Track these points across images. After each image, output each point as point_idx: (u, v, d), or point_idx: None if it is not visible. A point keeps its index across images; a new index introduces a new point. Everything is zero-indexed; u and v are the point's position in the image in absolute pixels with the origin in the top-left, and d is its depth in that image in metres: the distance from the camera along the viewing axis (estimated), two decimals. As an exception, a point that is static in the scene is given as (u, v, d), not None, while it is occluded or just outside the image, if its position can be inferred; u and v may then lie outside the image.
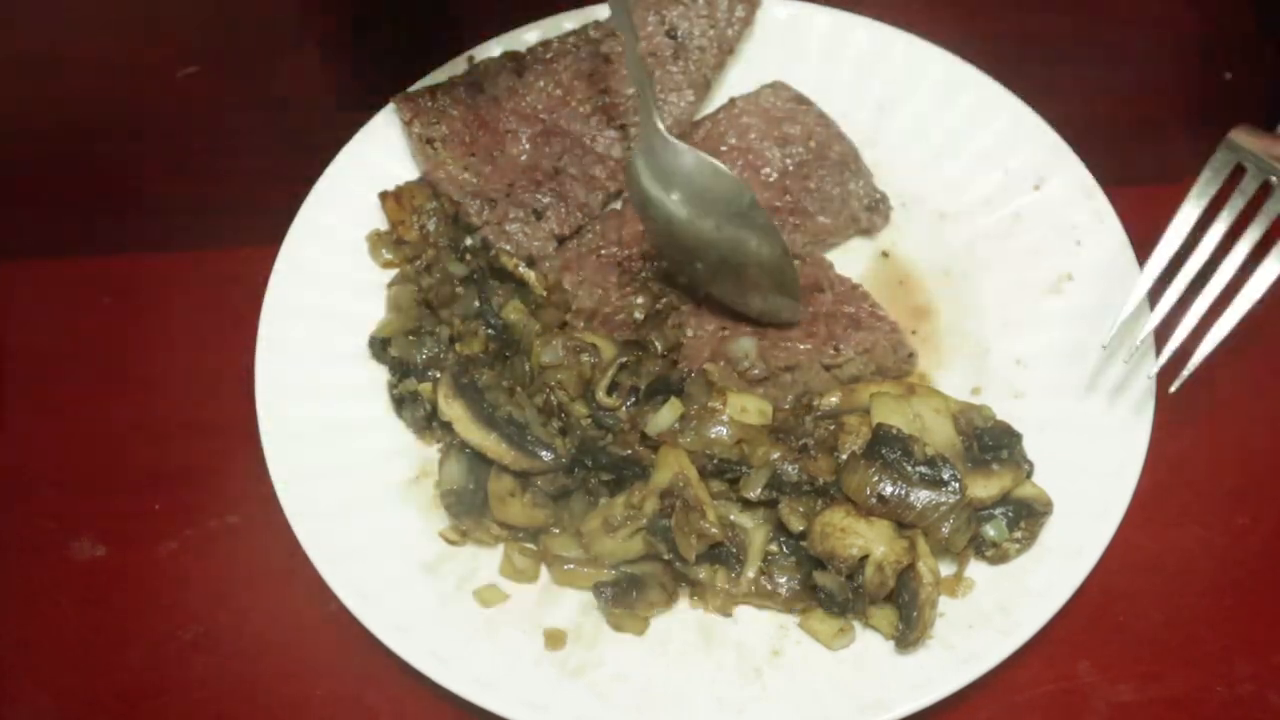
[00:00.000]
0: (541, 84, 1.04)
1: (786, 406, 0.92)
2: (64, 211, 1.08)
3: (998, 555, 0.86)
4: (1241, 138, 0.86)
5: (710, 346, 0.94)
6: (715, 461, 0.86)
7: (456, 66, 1.06)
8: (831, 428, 0.88)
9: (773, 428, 0.88)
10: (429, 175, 1.01)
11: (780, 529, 0.85)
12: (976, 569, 0.85)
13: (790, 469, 0.85)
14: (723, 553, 0.85)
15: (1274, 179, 0.84)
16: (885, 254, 1.01)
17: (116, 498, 0.94)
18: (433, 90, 1.03)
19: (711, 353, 0.93)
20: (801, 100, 1.04)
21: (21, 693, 0.88)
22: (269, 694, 0.87)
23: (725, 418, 0.87)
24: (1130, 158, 1.03)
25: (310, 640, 0.88)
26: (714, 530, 0.83)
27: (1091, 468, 0.87)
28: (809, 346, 0.94)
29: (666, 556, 0.85)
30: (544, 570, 0.87)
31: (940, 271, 0.99)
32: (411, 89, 1.04)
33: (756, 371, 0.92)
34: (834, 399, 0.90)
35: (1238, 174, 0.85)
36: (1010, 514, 0.86)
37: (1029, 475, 0.88)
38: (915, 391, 0.90)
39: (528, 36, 1.07)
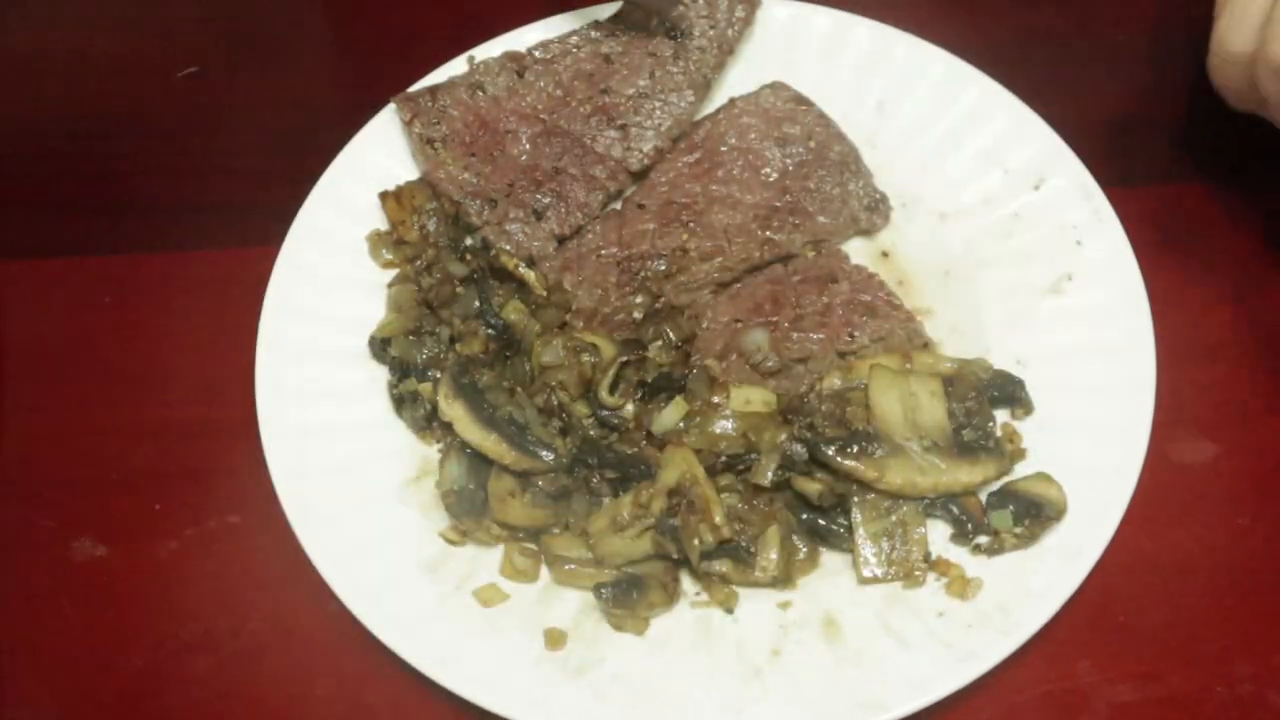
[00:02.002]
0: (542, 84, 1.04)
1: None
2: (64, 211, 1.08)
3: (994, 546, 0.86)
4: None
5: (723, 339, 0.94)
6: (723, 458, 0.87)
7: (457, 66, 1.06)
8: (837, 403, 0.88)
9: (780, 410, 0.89)
10: (429, 175, 1.01)
11: (802, 506, 0.87)
12: (978, 567, 0.85)
13: (799, 449, 0.86)
14: (733, 547, 0.85)
15: None
16: (885, 254, 1.01)
17: (116, 498, 0.94)
18: (433, 90, 1.03)
19: (724, 345, 0.93)
20: (801, 100, 1.04)
21: (21, 693, 0.88)
22: (269, 694, 0.87)
23: (729, 412, 0.88)
24: (1130, 158, 1.03)
25: (310, 640, 0.88)
26: (724, 530, 0.83)
27: (1091, 468, 0.87)
28: (822, 336, 0.94)
29: (675, 556, 0.85)
30: (544, 570, 0.88)
31: (940, 271, 0.99)
32: (412, 89, 1.04)
33: (769, 364, 0.92)
34: (836, 381, 0.91)
35: None
36: (1019, 508, 0.86)
37: (1028, 413, 0.90)
38: (913, 363, 0.91)
39: (529, 36, 1.07)
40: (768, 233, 0.99)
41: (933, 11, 1.10)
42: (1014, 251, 0.98)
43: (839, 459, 0.85)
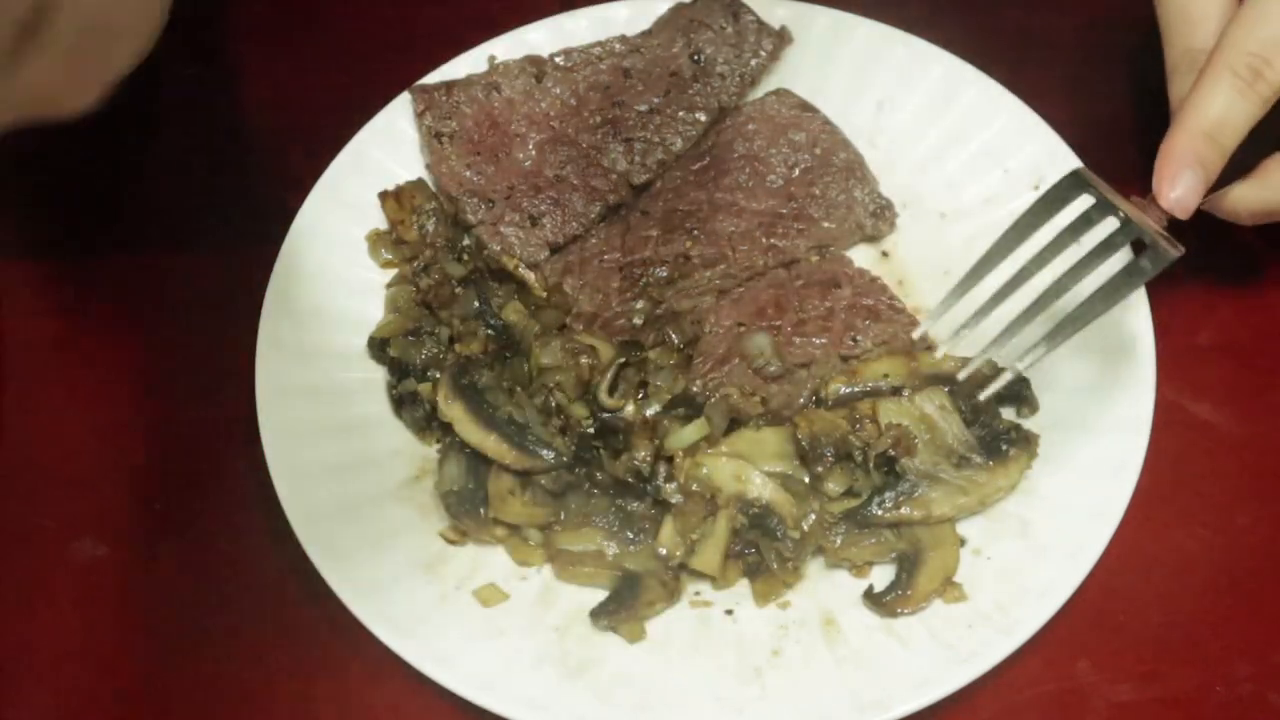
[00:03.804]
0: (558, 91, 1.05)
1: (801, 402, 0.92)
2: (64, 211, 1.08)
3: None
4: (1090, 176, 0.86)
5: (726, 343, 0.94)
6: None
7: (464, 64, 1.06)
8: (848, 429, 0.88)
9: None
10: (432, 169, 1.01)
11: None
12: (975, 570, 0.85)
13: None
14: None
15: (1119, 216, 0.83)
16: (885, 254, 1.01)
17: (116, 498, 0.94)
18: (449, 85, 1.03)
19: (727, 349, 0.93)
20: (806, 107, 1.04)
21: (21, 693, 0.88)
22: (269, 694, 0.87)
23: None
24: (1130, 158, 1.03)
25: (310, 640, 0.88)
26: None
27: (1091, 468, 0.87)
28: (825, 341, 0.94)
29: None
30: (542, 570, 0.87)
31: (940, 271, 0.99)
32: (429, 81, 1.04)
33: (772, 368, 0.92)
34: (840, 387, 0.91)
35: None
36: None
37: (1033, 412, 0.91)
38: (918, 367, 0.91)
39: (532, 36, 1.07)
40: (772, 239, 0.99)
41: (933, 11, 1.10)
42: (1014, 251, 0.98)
43: (884, 514, 0.86)
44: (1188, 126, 0.82)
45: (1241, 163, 0.85)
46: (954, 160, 1.03)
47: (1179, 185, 0.82)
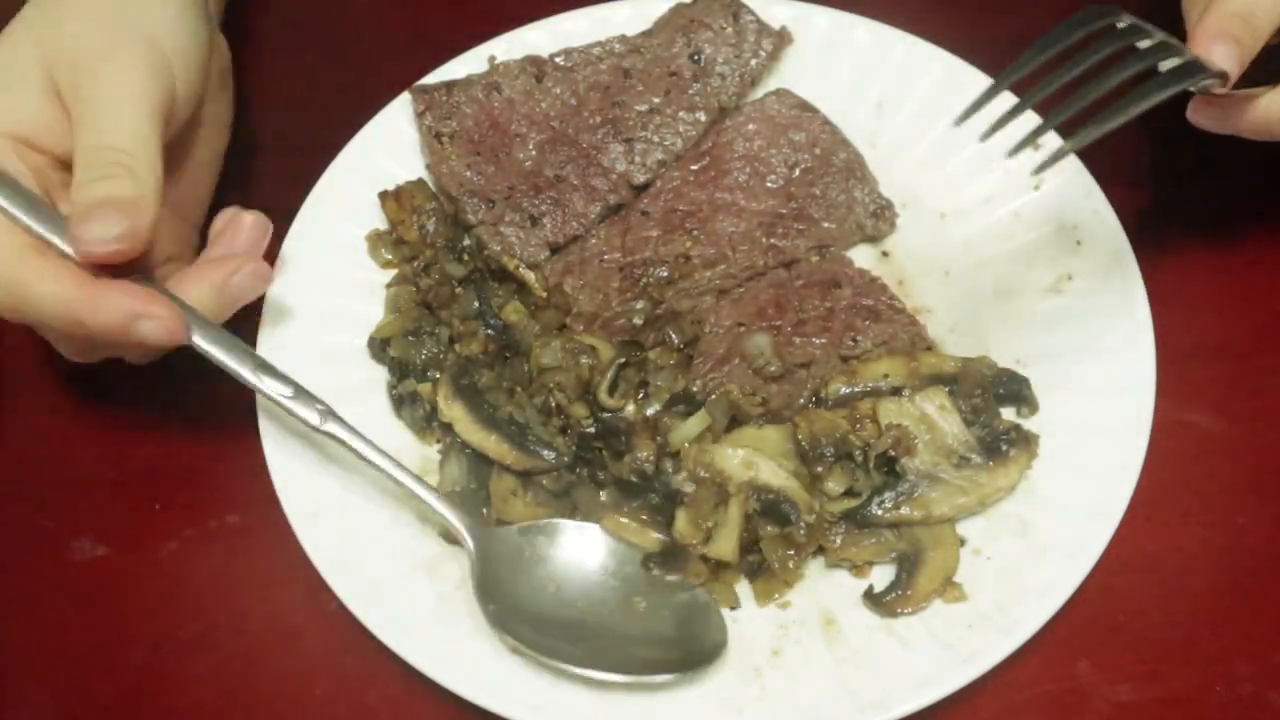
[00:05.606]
0: (558, 91, 1.04)
1: (801, 402, 0.92)
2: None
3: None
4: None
5: (726, 343, 0.94)
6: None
7: (464, 65, 1.06)
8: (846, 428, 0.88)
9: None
10: (432, 169, 1.01)
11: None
12: (975, 570, 0.85)
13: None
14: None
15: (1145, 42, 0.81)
16: (885, 254, 1.01)
17: (116, 498, 0.94)
18: (449, 85, 1.03)
19: (727, 349, 0.93)
20: (806, 107, 1.04)
21: (21, 693, 0.88)
22: (269, 694, 0.87)
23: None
24: (1130, 158, 1.03)
25: (310, 640, 0.88)
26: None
27: (1091, 468, 0.87)
28: (825, 341, 0.94)
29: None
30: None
31: (940, 271, 0.99)
32: (429, 82, 1.04)
33: (773, 369, 0.92)
34: (840, 387, 0.91)
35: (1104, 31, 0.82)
36: None
37: (1033, 412, 0.91)
38: (918, 367, 0.91)
39: (532, 36, 1.07)
40: (772, 240, 0.99)
41: (933, 11, 1.10)
42: (1014, 251, 0.98)
43: (884, 514, 0.86)
44: (1220, 10, 0.81)
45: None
46: (954, 160, 1.03)
47: (1215, 54, 0.80)
